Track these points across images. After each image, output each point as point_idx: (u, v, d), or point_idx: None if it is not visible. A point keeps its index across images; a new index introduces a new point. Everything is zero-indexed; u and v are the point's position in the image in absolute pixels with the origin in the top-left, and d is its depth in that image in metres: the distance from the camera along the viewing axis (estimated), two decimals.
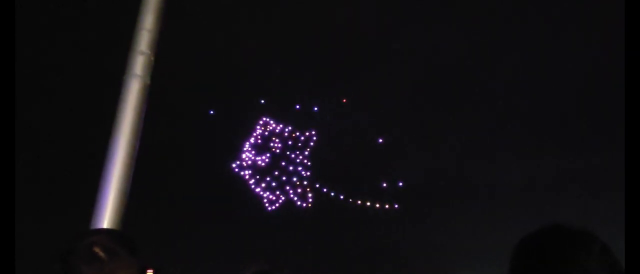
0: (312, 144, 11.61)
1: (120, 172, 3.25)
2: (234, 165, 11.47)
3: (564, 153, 10.15)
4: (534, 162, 10.50)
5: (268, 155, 11.46)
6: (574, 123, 10.35)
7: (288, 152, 11.53)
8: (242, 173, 11.47)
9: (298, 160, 11.45)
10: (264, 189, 11.43)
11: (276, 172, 11.40)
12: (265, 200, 11.38)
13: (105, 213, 3.13)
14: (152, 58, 3.54)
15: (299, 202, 11.41)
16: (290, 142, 11.56)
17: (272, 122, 11.57)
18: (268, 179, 11.46)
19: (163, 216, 10.42)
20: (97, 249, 1.88)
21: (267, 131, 11.55)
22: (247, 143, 11.55)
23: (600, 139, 9.82)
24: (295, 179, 11.44)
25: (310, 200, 11.41)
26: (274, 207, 11.40)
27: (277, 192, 11.45)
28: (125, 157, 3.28)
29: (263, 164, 11.45)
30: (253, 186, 11.46)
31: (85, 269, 1.85)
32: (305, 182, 11.41)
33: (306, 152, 11.43)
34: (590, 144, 10.07)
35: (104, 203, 3.15)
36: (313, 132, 11.57)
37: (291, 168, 11.40)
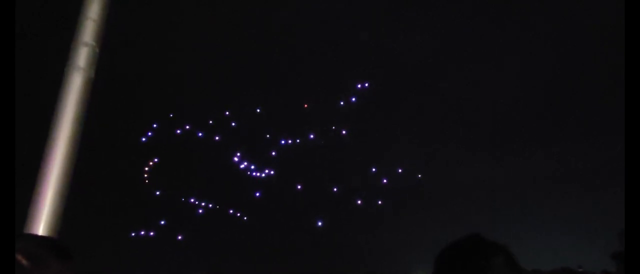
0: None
1: (59, 175, 2.99)
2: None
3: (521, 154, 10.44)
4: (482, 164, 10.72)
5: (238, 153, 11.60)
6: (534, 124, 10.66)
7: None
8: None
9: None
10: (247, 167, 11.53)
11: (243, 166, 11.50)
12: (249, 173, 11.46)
13: (41, 217, 2.88)
14: (97, 50, 3.30)
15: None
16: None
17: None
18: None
19: (106, 220, 9.94)
20: (19, 257, 1.68)
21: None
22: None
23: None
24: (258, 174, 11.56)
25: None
26: (258, 174, 11.50)
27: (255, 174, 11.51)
28: (64, 157, 3.02)
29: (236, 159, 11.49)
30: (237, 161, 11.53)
31: None
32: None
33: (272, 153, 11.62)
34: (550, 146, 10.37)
35: (40, 208, 2.89)
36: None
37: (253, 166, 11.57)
